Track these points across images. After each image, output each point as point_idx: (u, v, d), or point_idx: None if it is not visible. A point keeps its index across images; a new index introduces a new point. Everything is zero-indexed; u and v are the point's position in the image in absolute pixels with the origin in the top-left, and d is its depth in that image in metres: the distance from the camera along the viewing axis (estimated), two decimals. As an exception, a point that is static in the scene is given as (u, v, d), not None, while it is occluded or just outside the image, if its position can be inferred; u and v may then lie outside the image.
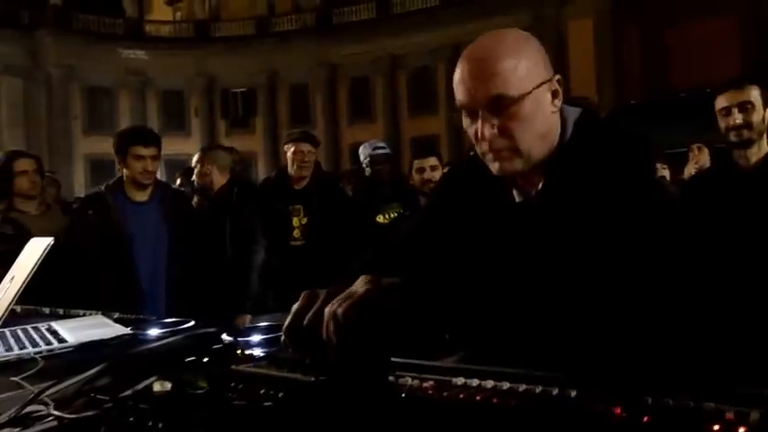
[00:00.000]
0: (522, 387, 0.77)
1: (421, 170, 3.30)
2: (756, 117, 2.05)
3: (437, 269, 1.00)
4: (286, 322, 0.85)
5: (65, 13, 23.71)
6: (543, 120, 1.02)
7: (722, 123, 2.11)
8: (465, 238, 1.07)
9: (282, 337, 0.85)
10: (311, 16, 24.40)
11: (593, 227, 0.93)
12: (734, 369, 0.77)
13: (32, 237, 2.71)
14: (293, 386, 0.70)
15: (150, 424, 0.68)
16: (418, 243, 1.10)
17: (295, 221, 3.22)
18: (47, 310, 1.82)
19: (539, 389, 0.76)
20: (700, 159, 4.19)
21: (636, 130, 1.05)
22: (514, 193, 1.08)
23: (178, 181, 5.69)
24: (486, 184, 1.07)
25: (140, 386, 0.79)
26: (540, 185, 1.02)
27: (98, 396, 0.78)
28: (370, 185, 3.60)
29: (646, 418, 0.63)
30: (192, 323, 1.42)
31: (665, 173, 3.28)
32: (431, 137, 19.48)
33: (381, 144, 3.79)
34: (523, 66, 0.99)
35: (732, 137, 2.09)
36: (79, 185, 20.28)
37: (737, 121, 2.07)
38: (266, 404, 0.68)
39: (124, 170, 2.80)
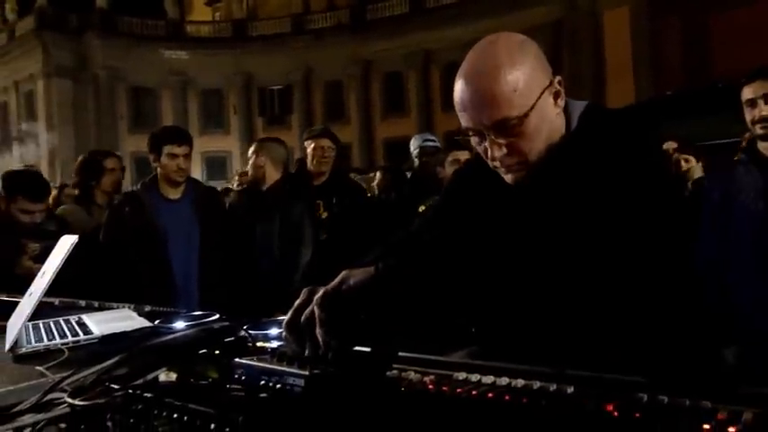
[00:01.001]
0: (521, 383, 0.77)
1: (456, 162, 3.28)
2: None
3: (440, 260, 1.00)
4: (286, 318, 0.88)
5: (110, 16, 24.56)
6: (549, 125, 1.01)
7: (748, 115, 2.03)
8: (472, 227, 1.07)
9: (283, 333, 0.87)
10: (345, 13, 24.52)
11: (587, 214, 0.92)
12: (734, 367, 0.75)
13: (73, 233, 2.90)
14: (290, 379, 0.72)
15: (155, 412, 0.72)
16: (426, 235, 1.11)
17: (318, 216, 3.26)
18: (83, 303, 1.90)
19: (537, 385, 0.76)
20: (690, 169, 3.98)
21: (643, 120, 1.02)
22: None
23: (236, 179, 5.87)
24: (494, 179, 1.07)
25: (150, 376, 0.83)
26: (544, 173, 1.01)
27: (111, 385, 0.82)
28: (418, 176, 3.61)
29: (638, 415, 0.63)
30: (216, 317, 1.47)
31: (692, 165, 3.13)
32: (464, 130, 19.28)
33: (432, 137, 3.81)
34: (522, 81, 0.96)
35: (758, 129, 2.01)
36: (126, 182, 20.98)
37: (764, 113, 1.98)
38: (262, 395, 0.70)
39: (158, 168, 2.89)
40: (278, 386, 0.72)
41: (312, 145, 3.26)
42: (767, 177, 1.98)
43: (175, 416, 0.68)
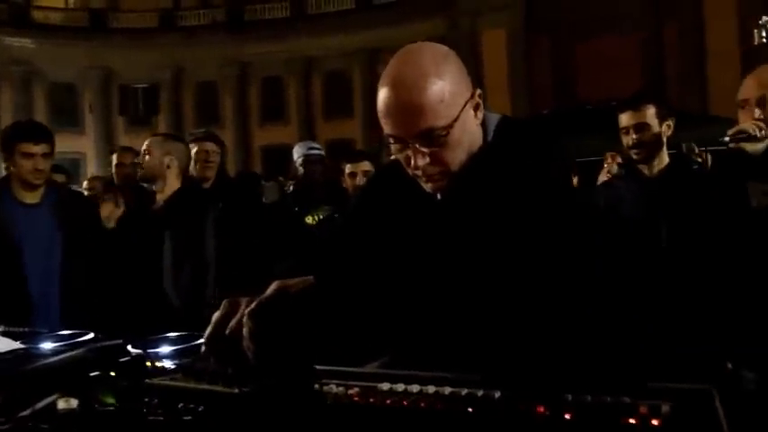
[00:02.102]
0: (448, 390, 0.78)
1: (353, 175, 3.24)
2: (652, 136, 2.24)
3: (354, 269, 0.99)
4: (207, 332, 0.81)
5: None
6: (469, 136, 1.04)
7: (624, 140, 2.30)
8: (385, 236, 1.07)
9: (203, 348, 0.81)
10: (221, 12, 23.56)
11: (499, 223, 0.97)
12: (643, 364, 0.83)
13: None
14: (215, 399, 0.66)
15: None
16: (339, 244, 1.09)
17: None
18: None
19: (464, 391, 0.78)
20: (612, 168, 4.51)
21: (550, 131, 1.10)
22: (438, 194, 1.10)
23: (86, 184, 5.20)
24: (409, 185, 1.08)
25: (40, 405, 0.72)
26: (458, 182, 1.04)
27: (-11, 419, 0.70)
28: (302, 186, 3.54)
29: (568, 415, 0.66)
30: (92, 335, 1.32)
31: (574, 180, 3.52)
32: (346, 140, 19.49)
33: (316, 145, 3.75)
34: (448, 91, 0.99)
35: (633, 154, 2.28)
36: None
37: (634, 142, 2.24)
38: (186, 419, 0.64)
39: (11, 168, 2.55)
40: (200, 408, 0.66)
41: (195, 148, 3.07)
42: (646, 190, 2.23)
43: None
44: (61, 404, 0.70)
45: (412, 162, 1.00)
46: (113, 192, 3.19)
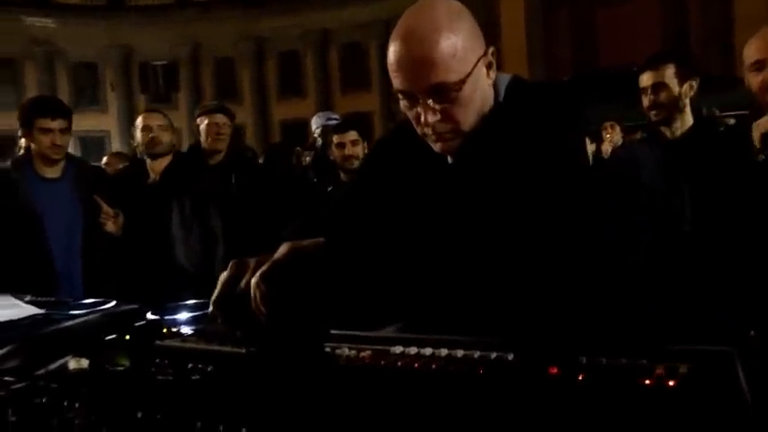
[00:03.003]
0: (461, 352, 0.77)
1: (341, 145, 3.18)
2: (671, 96, 2.15)
3: (362, 231, 0.98)
4: (214, 293, 0.81)
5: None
6: (481, 95, 1.02)
7: (644, 101, 2.22)
8: (395, 198, 1.06)
9: (211, 309, 0.81)
10: (236, -15, 23.38)
11: (509, 186, 0.95)
12: (663, 327, 0.81)
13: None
14: (223, 359, 0.66)
15: (66, 404, 0.63)
16: (346, 207, 1.08)
17: None
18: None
19: (477, 354, 0.76)
20: (613, 137, 4.41)
21: (565, 93, 1.06)
22: (448, 156, 1.07)
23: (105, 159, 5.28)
24: (419, 148, 1.06)
25: (54, 366, 0.73)
26: (469, 145, 1.02)
27: (5, 378, 0.71)
28: (320, 156, 3.52)
29: (581, 377, 0.65)
30: (114, 303, 1.34)
31: (592, 147, 3.42)
32: (364, 113, 19.35)
33: (335, 115, 3.73)
34: (461, 46, 0.97)
35: (652, 116, 2.20)
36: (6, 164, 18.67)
37: (652, 102, 2.17)
38: (194, 378, 0.64)
39: (32, 144, 2.58)
40: (209, 368, 0.66)
41: (206, 121, 3.06)
42: (667, 154, 2.16)
43: (95, 406, 0.60)
44: (72, 364, 0.70)
45: (422, 119, 0.98)
46: None
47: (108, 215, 2.61)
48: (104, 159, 5.63)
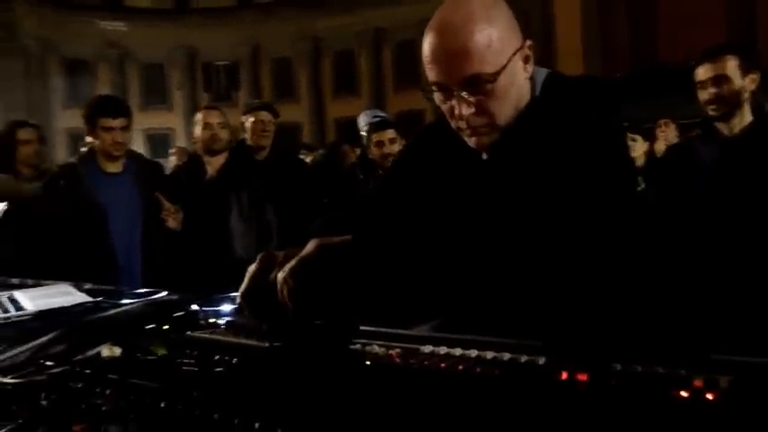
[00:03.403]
0: (490, 354, 0.75)
1: (380, 144, 3.18)
2: (732, 89, 2.02)
3: (392, 228, 0.97)
4: (242, 287, 0.82)
5: (40, -16, 22.95)
6: (518, 89, 1.00)
7: (700, 96, 2.09)
8: (429, 195, 1.04)
9: (238, 301, 0.82)
10: (294, -13, 23.84)
11: (546, 184, 0.91)
12: (707, 335, 0.76)
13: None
14: (247, 352, 0.66)
15: (98, 390, 0.65)
16: (376, 203, 1.07)
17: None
18: (15, 281, 1.77)
19: (507, 356, 0.74)
20: (668, 135, 4.18)
21: (604, 89, 1.02)
22: (483, 153, 1.05)
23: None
24: (454, 144, 1.04)
25: (91, 353, 0.76)
26: (505, 141, 0.99)
27: (46, 362, 0.74)
28: (366, 153, 3.55)
29: (611, 385, 0.61)
30: (164, 293, 1.38)
31: (638, 144, 3.23)
32: (417, 111, 19.33)
33: (380, 113, 3.75)
34: (496, 38, 0.95)
35: (710, 111, 2.07)
36: (58, 159, 19.90)
37: (712, 96, 2.04)
38: (218, 370, 0.65)
39: (95, 141, 2.73)
40: (234, 360, 0.67)
41: (251, 119, 3.14)
42: (724, 153, 2.04)
43: (121, 394, 0.62)
44: (105, 352, 0.73)
45: (456, 112, 0.96)
46: None
47: (169, 211, 2.71)
48: (172, 151, 6.05)
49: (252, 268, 0.83)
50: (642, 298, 0.92)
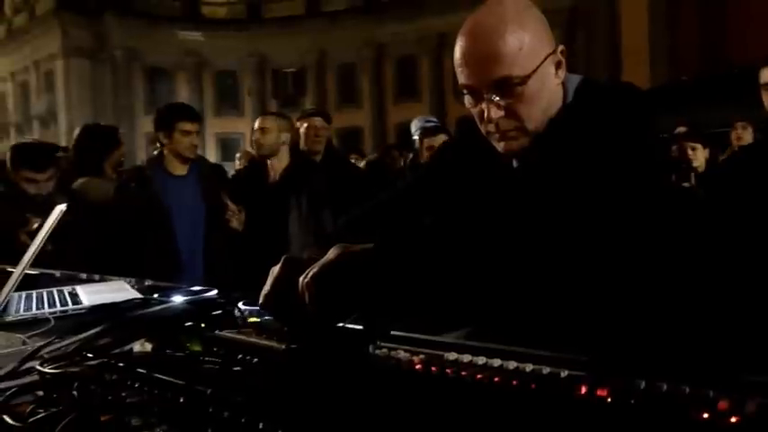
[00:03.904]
0: (513, 365, 0.74)
1: (431, 149, 3.21)
2: None
3: (419, 233, 0.96)
4: (265, 289, 0.84)
5: (128, -3, 24.53)
6: (548, 94, 0.98)
7: (766, 98, 1.95)
8: (457, 202, 1.03)
9: (261, 303, 0.84)
10: (359, -5, 24.24)
11: (580, 190, 0.88)
12: (743, 352, 0.71)
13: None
14: (266, 352, 0.68)
15: (129, 383, 0.69)
16: (403, 206, 1.07)
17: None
18: (83, 276, 1.89)
19: (529, 367, 0.72)
20: (743, 137, 3.88)
21: (639, 97, 0.97)
22: (513, 160, 1.03)
23: (237, 162, 5.96)
24: (484, 151, 1.02)
25: (128, 347, 0.80)
26: (537, 148, 0.97)
27: (88, 355, 0.79)
28: (418, 158, 3.58)
29: (632, 403, 0.58)
30: (214, 292, 1.44)
31: (698, 152, 2.99)
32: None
33: (432, 118, 3.80)
34: (528, 42, 0.94)
35: None
36: (139, 161, 21.08)
37: None
38: (235, 369, 0.67)
39: (166, 144, 2.87)
40: (254, 360, 0.69)
41: (305, 125, 3.23)
42: None
43: (146, 387, 0.65)
44: (137, 347, 0.77)
45: (485, 115, 0.94)
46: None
47: (233, 212, 2.82)
48: (238, 155, 6.40)
49: (275, 271, 0.85)
50: (677, 308, 0.87)
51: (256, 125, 3.14)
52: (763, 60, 1.98)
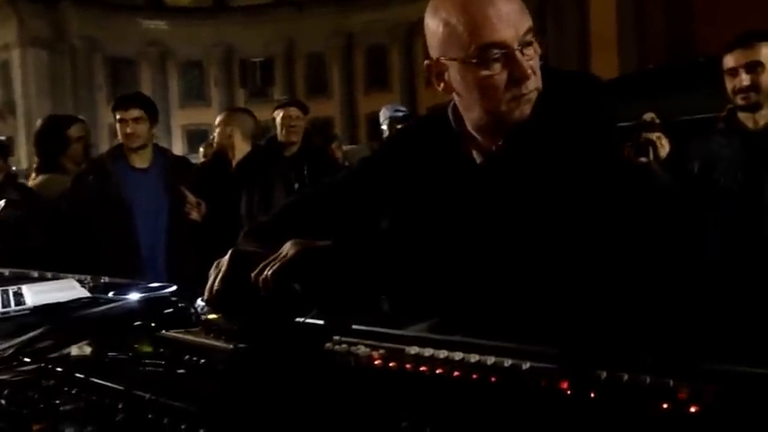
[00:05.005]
0: (475, 357, 0.72)
1: None
2: (766, 78, 1.90)
3: (376, 229, 0.93)
4: (213, 285, 0.80)
5: (86, -16, 23.76)
6: None
7: (729, 85, 1.97)
8: (412, 195, 1.00)
9: (205, 298, 0.80)
10: (328, -17, 23.98)
11: (554, 185, 0.86)
12: (703, 340, 0.70)
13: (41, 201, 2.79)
14: (213, 353, 0.65)
15: (65, 389, 0.64)
16: (354, 199, 1.03)
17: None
18: (35, 274, 1.81)
19: (491, 360, 0.70)
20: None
21: (599, 85, 0.97)
22: (474, 153, 1.00)
23: (201, 151, 5.73)
24: (442, 145, 1.00)
25: (68, 350, 0.76)
26: (501, 143, 0.94)
27: (27, 359, 0.74)
28: None
29: (592, 395, 0.57)
30: (173, 288, 1.38)
31: (663, 141, 3.03)
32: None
33: (402, 107, 3.77)
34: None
35: (739, 100, 1.95)
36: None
37: (744, 83, 1.91)
38: (180, 371, 0.63)
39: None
40: (200, 360, 0.66)
41: (281, 114, 3.19)
42: (747, 148, 1.93)
43: (83, 393, 0.61)
44: (75, 351, 0.72)
45: (517, 74, 0.89)
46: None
47: (192, 205, 2.75)
48: (202, 147, 6.13)
49: (222, 264, 0.81)
50: (640, 299, 0.87)
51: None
52: (726, 47, 2.00)
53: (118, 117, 2.73)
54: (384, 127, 3.59)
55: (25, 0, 22.78)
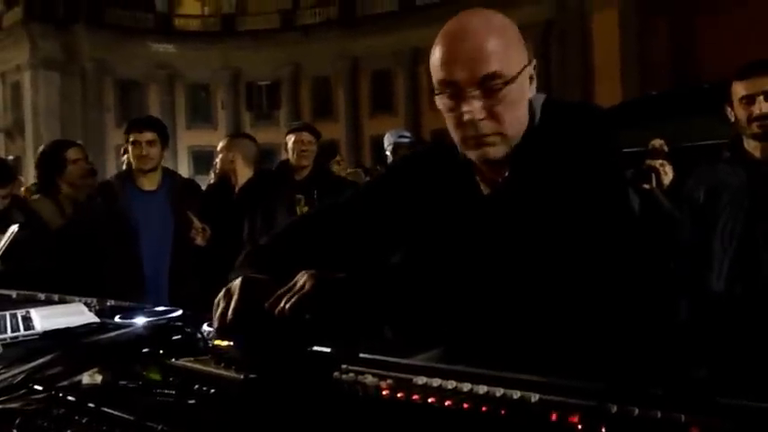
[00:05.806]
0: (483, 389, 0.71)
1: None
2: None
3: (387, 258, 0.94)
4: (223, 310, 0.80)
5: (98, 8, 24.21)
6: (523, 104, 0.97)
7: (742, 113, 1.95)
8: (420, 224, 1.00)
9: (216, 326, 0.80)
10: (334, 9, 24.36)
11: (562, 218, 0.87)
12: (719, 374, 0.70)
13: (45, 224, 2.82)
14: (222, 383, 0.65)
15: (76, 417, 0.64)
16: (343, 217, 1.04)
17: (297, 211, 3.19)
18: (42, 296, 1.81)
19: (500, 392, 0.70)
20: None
21: (601, 115, 0.98)
22: (480, 184, 1.01)
23: (211, 175, 5.80)
24: (449, 174, 1.01)
25: (78, 378, 0.76)
26: (507, 174, 0.95)
27: (37, 387, 0.75)
28: None
29: (603, 429, 0.57)
30: (179, 313, 1.38)
31: (667, 169, 3.01)
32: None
33: (406, 133, 3.79)
34: (513, 45, 0.94)
35: (755, 128, 1.92)
36: (109, 175, 20.67)
37: (764, 110, 1.91)
38: (190, 401, 0.63)
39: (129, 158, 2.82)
40: (211, 391, 0.66)
41: (292, 138, 3.23)
42: (753, 177, 1.92)
43: (94, 423, 0.61)
44: (86, 379, 0.73)
45: (466, 116, 0.90)
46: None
47: (198, 230, 2.76)
48: (211, 173, 6.21)
49: (235, 294, 0.81)
50: (649, 329, 0.87)
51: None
52: (737, 75, 1.99)
53: (131, 139, 2.75)
54: (388, 152, 3.62)
55: (38, 22, 23.24)
